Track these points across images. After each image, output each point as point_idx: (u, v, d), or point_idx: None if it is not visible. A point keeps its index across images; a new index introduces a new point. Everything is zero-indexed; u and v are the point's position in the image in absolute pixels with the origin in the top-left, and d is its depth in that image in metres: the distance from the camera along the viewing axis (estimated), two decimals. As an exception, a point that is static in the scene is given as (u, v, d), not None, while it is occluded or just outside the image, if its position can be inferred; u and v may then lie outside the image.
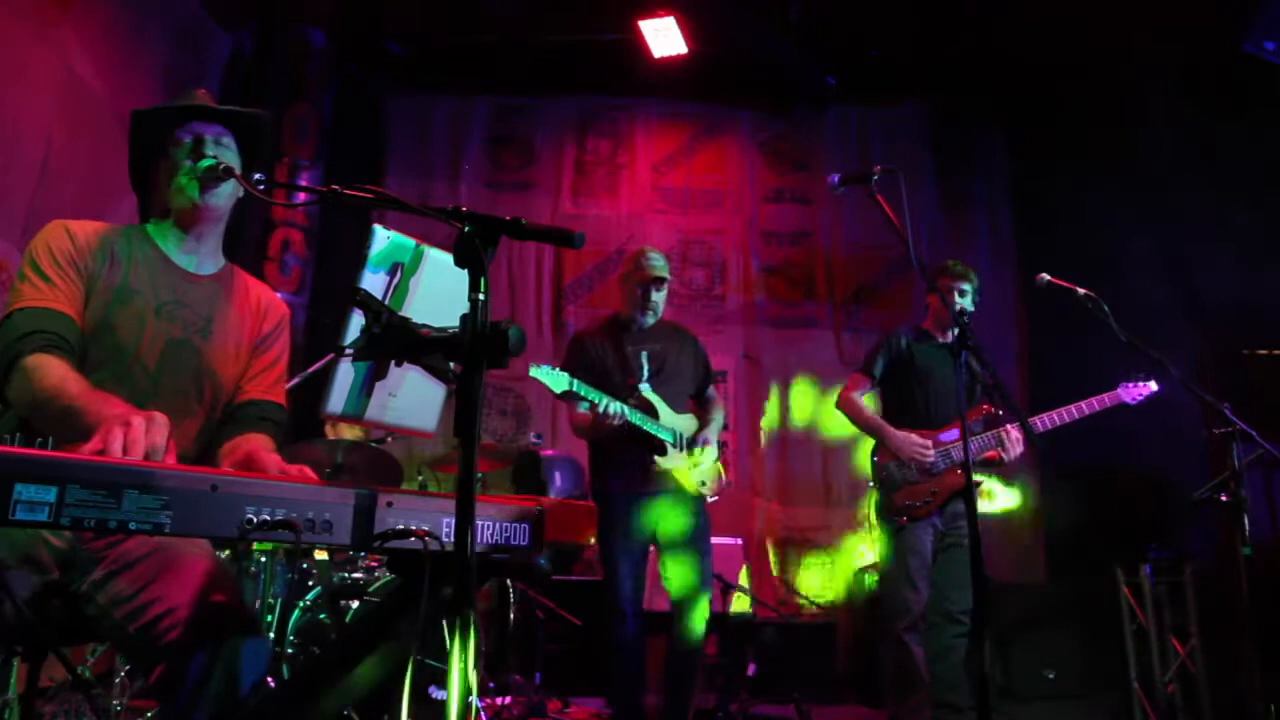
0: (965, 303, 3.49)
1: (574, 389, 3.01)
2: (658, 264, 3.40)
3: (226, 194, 1.84)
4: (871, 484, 3.40)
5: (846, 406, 3.53)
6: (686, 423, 3.35)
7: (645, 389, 3.27)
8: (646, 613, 3.27)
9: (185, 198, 1.79)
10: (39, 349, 1.59)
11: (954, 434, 3.31)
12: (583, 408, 3.12)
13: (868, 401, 3.56)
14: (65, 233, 1.74)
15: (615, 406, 3.07)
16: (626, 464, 3.25)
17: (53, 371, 1.56)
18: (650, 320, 3.42)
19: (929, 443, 3.31)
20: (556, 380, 2.99)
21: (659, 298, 3.40)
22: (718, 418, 3.49)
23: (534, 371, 2.99)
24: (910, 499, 3.28)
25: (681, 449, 3.26)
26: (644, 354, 3.35)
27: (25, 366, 1.57)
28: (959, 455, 3.24)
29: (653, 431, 3.18)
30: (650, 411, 3.24)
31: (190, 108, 1.84)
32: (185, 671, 1.44)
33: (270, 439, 1.86)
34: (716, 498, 3.41)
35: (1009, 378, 5.51)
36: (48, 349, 1.60)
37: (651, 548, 3.31)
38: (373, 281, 1.49)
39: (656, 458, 3.21)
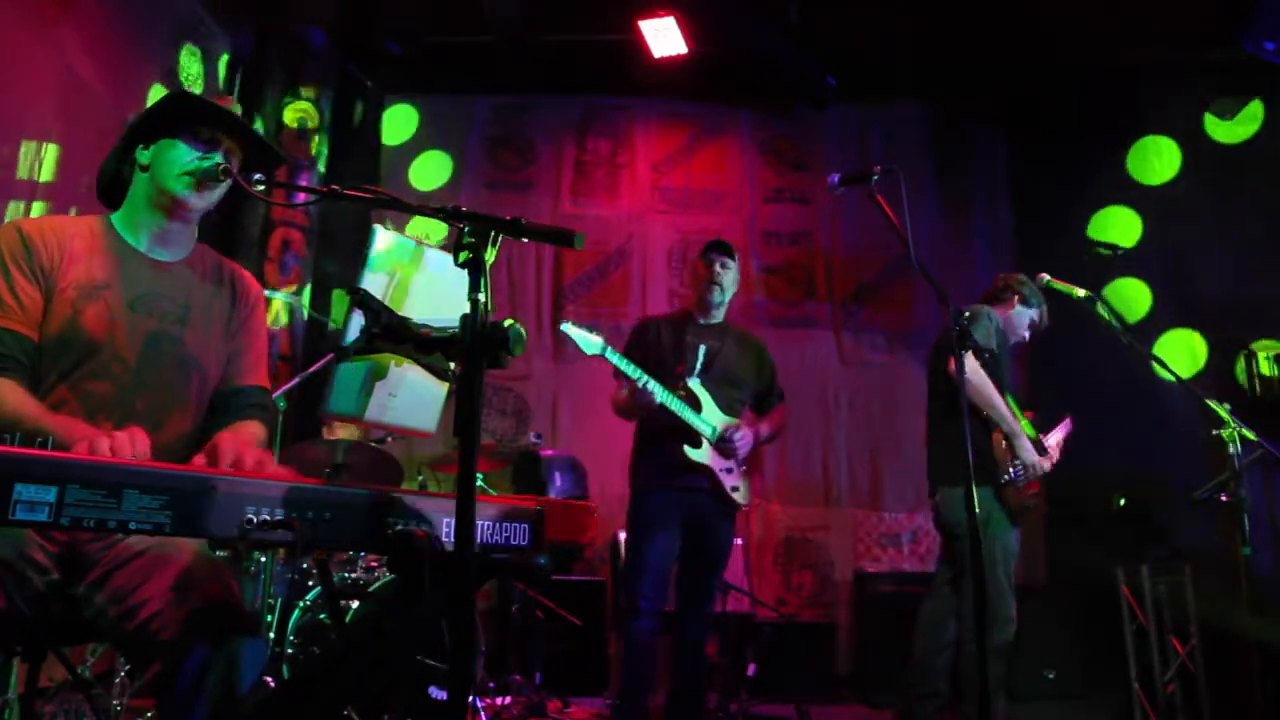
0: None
1: (607, 355, 2.95)
2: (712, 255, 3.39)
3: (216, 196, 1.83)
4: (1005, 479, 3.14)
5: (979, 379, 3.10)
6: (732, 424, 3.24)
7: (693, 382, 3.20)
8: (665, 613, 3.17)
9: (173, 192, 1.77)
10: None
11: (1054, 434, 3.47)
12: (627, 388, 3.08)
13: None
14: (18, 235, 1.69)
15: (653, 385, 3.00)
16: (663, 453, 3.16)
17: (7, 398, 1.55)
18: (718, 302, 3.37)
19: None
20: (590, 343, 2.93)
21: (719, 273, 3.35)
22: (773, 430, 3.40)
23: (566, 327, 2.92)
24: (1027, 500, 3.25)
25: (719, 447, 3.17)
26: (702, 346, 3.28)
27: None
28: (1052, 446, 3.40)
29: (688, 419, 3.11)
30: (694, 404, 3.17)
31: (234, 120, 1.82)
32: (182, 669, 1.43)
33: (260, 424, 1.86)
34: (747, 506, 3.30)
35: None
36: None
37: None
38: (373, 282, 1.49)
39: (688, 448, 3.12)
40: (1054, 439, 3.53)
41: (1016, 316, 3.50)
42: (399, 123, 6.25)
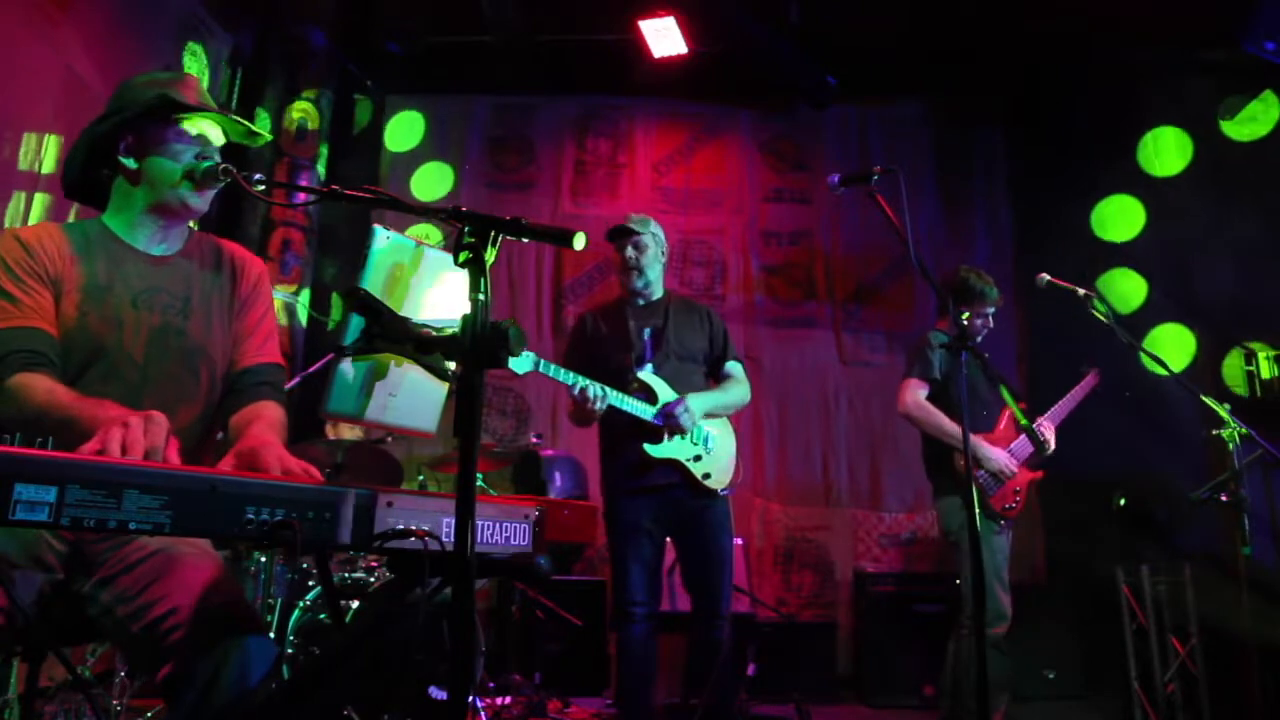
0: (989, 321, 3.56)
1: (540, 368, 2.79)
2: (620, 242, 3.25)
3: (213, 195, 1.83)
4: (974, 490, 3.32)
5: (922, 414, 3.37)
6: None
7: (644, 373, 3.06)
8: (661, 613, 3.09)
9: (177, 197, 1.77)
10: (20, 369, 1.56)
11: (1014, 435, 3.49)
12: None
13: None
14: (17, 243, 1.68)
15: (594, 389, 2.85)
16: (626, 454, 3.05)
17: (38, 387, 1.54)
18: (642, 286, 3.21)
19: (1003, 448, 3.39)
20: (520, 362, 2.76)
21: (632, 254, 3.21)
22: (724, 395, 3.21)
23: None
24: (1005, 501, 3.32)
25: (668, 427, 3.01)
26: (646, 329, 3.15)
27: (9, 388, 1.54)
28: (1020, 452, 3.42)
29: (641, 414, 2.97)
30: (649, 396, 3.03)
31: (213, 112, 1.81)
32: (192, 673, 1.44)
33: (275, 404, 1.84)
34: (728, 491, 3.15)
35: (1009, 379, 5.51)
36: (28, 368, 1.57)
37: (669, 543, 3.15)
38: (373, 282, 1.49)
39: (647, 446, 2.99)
40: (1053, 416, 3.57)
41: (963, 327, 3.50)
42: (404, 129, 6.23)
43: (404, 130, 6.22)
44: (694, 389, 3.14)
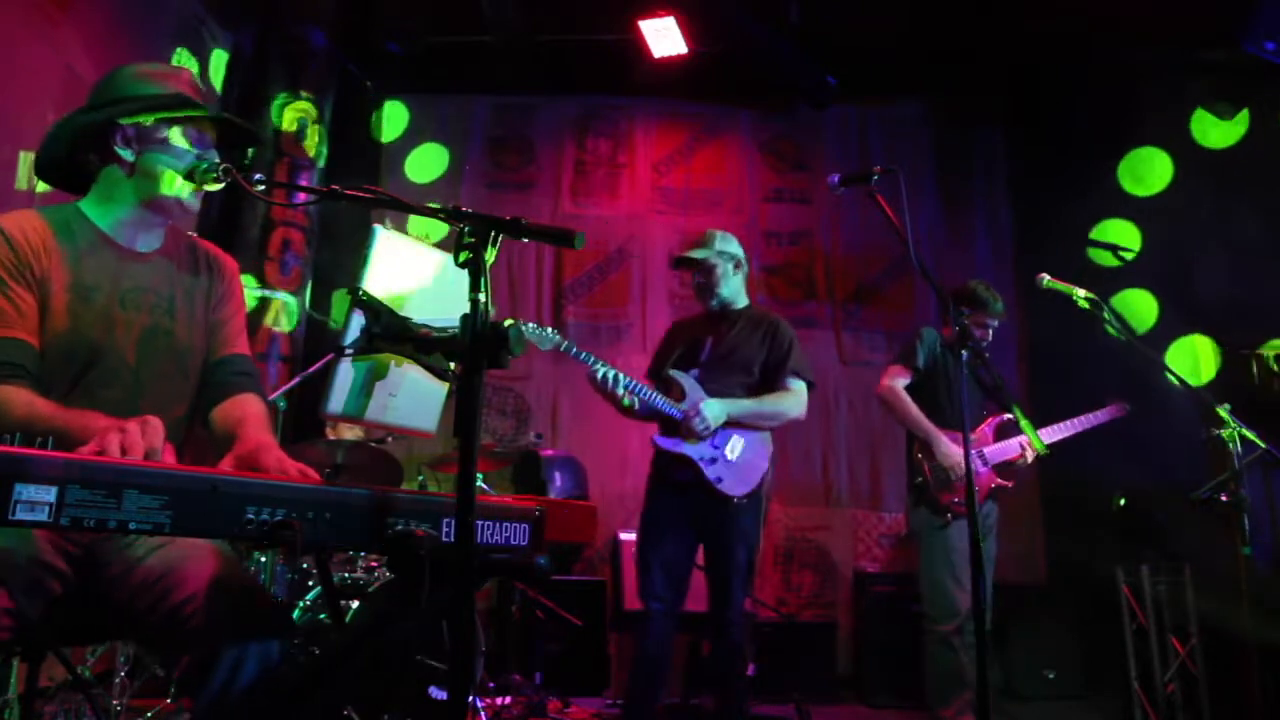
0: (989, 334, 3.61)
1: (563, 349, 2.91)
2: (684, 270, 3.42)
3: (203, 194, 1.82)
4: (919, 480, 3.39)
5: (894, 398, 3.45)
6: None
7: (675, 371, 3.17)
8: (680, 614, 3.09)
9: (175, 195, 1.76)
10: None
11: (989, 439, 3.54)
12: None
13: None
14: (2, 239, 1.64)
15: (604, 371, 2.95)
16: (656, 450, 3.15)
17: (17, 401, 1.53)
18: (718, 306, 3.30)
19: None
20: (543, 338, 2.90)
21: (700, 280, 3.30)
22: (758, 404, 3.15)
23: (521, 325, 2.88)
24: (954, 496, 3.33)
25: (684, 429, 3.07)
26: (709, 337, 3.26)
27: None
28: (993, 457, 3.46)
29: (656, 404, 3.03)
30: (675, 392, 3.10)
31: (215, 116, 1.81)
32: (217, 659, 1.44)
33: (256, 397, 1.85)
34: (742, 500, 3.08)
35: (1009, 378, 5.51)
36: (5, 380, 1.55)
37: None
38: (373, 282, 1.49)
39: (656, 437, 3.06)
40: (1053, 433, 3.61)
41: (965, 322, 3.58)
42: (392, 120, 6.23)
43: (392, 120, 6.20)
44: (727, 394, 3.15)
